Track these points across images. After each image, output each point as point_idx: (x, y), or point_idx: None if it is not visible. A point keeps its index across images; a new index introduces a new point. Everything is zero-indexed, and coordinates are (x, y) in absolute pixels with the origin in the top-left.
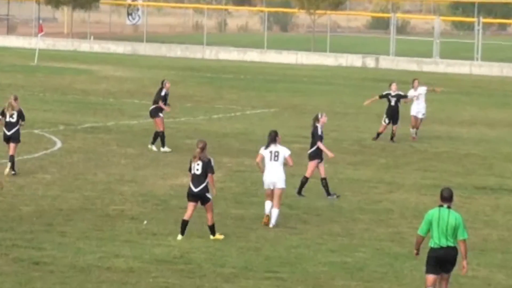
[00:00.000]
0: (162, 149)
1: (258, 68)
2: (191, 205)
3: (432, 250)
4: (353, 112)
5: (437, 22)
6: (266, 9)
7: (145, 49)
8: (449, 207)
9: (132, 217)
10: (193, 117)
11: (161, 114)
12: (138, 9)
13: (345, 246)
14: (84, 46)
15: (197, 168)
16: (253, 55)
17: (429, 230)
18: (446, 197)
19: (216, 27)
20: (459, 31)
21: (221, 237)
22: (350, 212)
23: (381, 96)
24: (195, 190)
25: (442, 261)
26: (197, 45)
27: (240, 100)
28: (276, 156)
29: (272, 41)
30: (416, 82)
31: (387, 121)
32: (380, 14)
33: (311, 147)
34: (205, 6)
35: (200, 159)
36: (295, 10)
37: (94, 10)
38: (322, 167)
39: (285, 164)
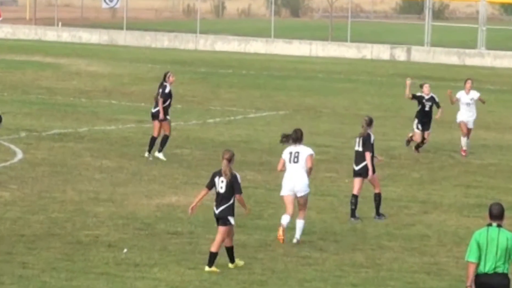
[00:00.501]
0: (156, 154)
1: (263, 61)
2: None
3: (478, 276)
4: (379, 115)
5: (483, 5)
6: None
7: (125, 38)
8: (499, 226)
9: (109, 244)
10: (184, 122)
11: (167, 117)
12: None
13: (370, 279)
14: (51, 34)
15: (221, 186)
16: (257, 46)
17: (479, 254)
18: (496, 215)
19: (212, 12)
20: (510, 16)
21: (241, 262)
22: (376, 238)
23: (414, 97)
24: (216, 211)
25: None
26: (188, 34)
27: (241, 101)
28: (296, 157)
29: (280, 28)
30: (468, 83)
31: (420, 127)
32: None
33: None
34: None
35: (226, 174)
36: None
37: None
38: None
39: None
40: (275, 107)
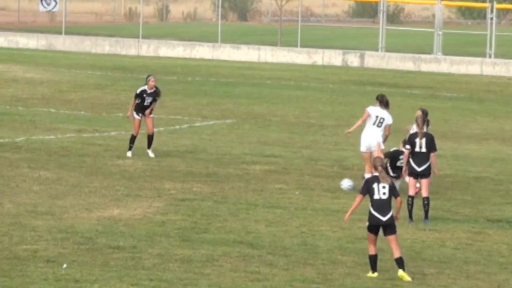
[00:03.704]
0: (148, 151)
1: (209, 67)
2: (373, 237)
3: None
4: (331, 124)
5: (439, 9)
6: None
7: (63, 43)
8: None
9: (48, 260)
10: (126, 131)
11: (136, 115)
12: None
13: None
14: None
15: (384, 191)
16: (203, 51)
17: None
18: None
19: (155, 16)
20: (467, 20)
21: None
22: (327, 252)
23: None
24: (384, 219)
25: None
26: (130, 39)
27: (187, 109)
28: (380, 122)
29: (227, 33)
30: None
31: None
32: None
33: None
34: None
35: (387, 180)
36: None
37: None
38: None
39: None
40: (222, 116)
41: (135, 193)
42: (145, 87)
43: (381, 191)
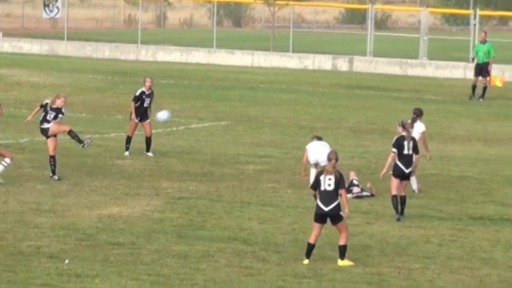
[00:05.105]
0: (147, 153)
1: (205, 71)
2: (318, 226)
3: None
4: (321, 126)
5: (425, 15)
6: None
7: (66, 48)
8: None
9: (51, 255)
10: (125, 132)
11: (135, 119)
12: (56, 0)
13: None
14: None
15: (329, 183)
16: (199, 56)
17: None
18: None
19: (153, 22)
20: (452, 26)
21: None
22: (318, 248)
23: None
24: (326, 209)
25: None
26: (130, 44)
27: (184, 111)
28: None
29: (222, 38)
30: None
31: None
32: (355, 6)
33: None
34: None
35: (333, 173)
36: (251, 0)
37: (3, 0)
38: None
39: None
40: (217, 118)
41: (134, 192)
42: (143, 89)
43: (326, 182)
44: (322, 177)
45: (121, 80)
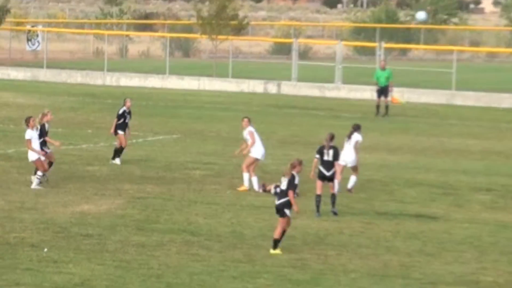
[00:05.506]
0: (112, 161)
1: (160, 94)
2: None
3: None
4: None
5: (339, 47)
6: (168, 35)
7: (45, 75)
8: None
9: (33, 245)
10: (94, 144)
11: (120, 132)
12: (38, 35)
13: (247, 272)
14: None
15: (284, 184)
16: (154, 81)
17: None
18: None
19: (117, 53)
20: (361, 56)
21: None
22: (252, 238)
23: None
24: (277, 202)
25: None
26: (97, 71)
27: (142, 126)
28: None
29: (174, 66)
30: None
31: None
32: (282, 40)
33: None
34: (106, 32)
35: (288, 174)
36: (197, 35)
37: None
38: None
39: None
40: (169, 132)
41: (101, 193)
42: (125, 108)
43: (283, 183)
44: (282, 178)
45: (90, 101)
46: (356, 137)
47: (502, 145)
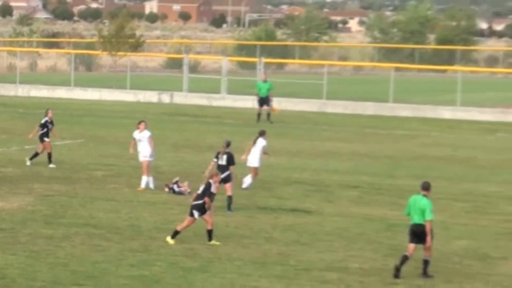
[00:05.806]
0: (50, 165)
1: (66, 104)
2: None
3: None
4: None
5: (225, 62)
6: (73, 51)
7: None
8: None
9: None
10: (7, 148)
11: (46, 139)
12: None
13: (143, 261)
14: None
15: (201, 188)
16: (61, 92)
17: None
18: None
19: (28, 68)
20: (244, 70)
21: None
22: (148, 231)
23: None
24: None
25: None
26: (10, 84)
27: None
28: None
29: (78, 79)
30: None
31: None
32: (174, 55)
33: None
34: (18, 49)
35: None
36: (99, 52)
37: None
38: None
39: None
40: (75, 137)
41: (14, 191)
42: (47, 118)
43: (200, 188)
44: (200, 185)
45: (3, 110)
46: (261, 142)
47: (367, 148)
